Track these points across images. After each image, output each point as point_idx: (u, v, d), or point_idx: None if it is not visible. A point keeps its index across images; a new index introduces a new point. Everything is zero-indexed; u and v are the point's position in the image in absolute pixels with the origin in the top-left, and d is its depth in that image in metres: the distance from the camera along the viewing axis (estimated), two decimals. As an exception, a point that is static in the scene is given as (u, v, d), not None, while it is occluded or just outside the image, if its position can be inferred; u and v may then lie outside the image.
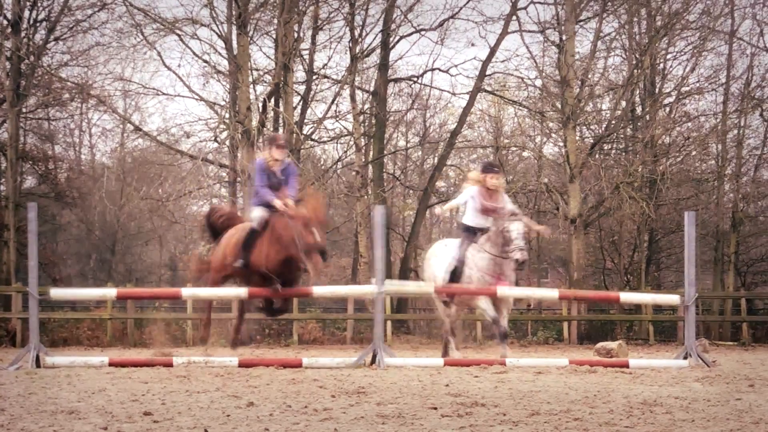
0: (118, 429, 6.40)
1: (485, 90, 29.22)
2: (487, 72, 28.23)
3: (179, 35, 26.28)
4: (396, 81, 29.81)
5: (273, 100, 26.89)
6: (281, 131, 26.61)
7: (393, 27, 28.03)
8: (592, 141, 27.86)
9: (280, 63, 25.98)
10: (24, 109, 26.42)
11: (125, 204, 31.93)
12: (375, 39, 28.27)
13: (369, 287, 13.19)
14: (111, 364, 12.06)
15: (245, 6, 25.74)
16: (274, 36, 27.08)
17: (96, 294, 13.63)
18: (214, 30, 26.44)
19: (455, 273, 13.83)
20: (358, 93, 28.67)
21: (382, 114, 28.01)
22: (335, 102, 28.33)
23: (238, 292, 13.08)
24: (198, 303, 13.88)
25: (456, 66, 29.73)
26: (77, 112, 31.01)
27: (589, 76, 27.69)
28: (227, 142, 27.77)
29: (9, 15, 25.57)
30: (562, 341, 24.07)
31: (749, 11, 28.84)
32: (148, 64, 28.53)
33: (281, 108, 26.49)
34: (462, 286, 13.76)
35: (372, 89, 28.77)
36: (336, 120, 29.19)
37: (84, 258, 34.58)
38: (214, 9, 26.06)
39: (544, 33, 27.96)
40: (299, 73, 28.17)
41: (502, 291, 13.22)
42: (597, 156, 27.46)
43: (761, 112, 29.31)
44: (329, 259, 12.14)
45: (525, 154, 32.92)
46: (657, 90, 28.72)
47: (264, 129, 26.48)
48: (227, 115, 27.09)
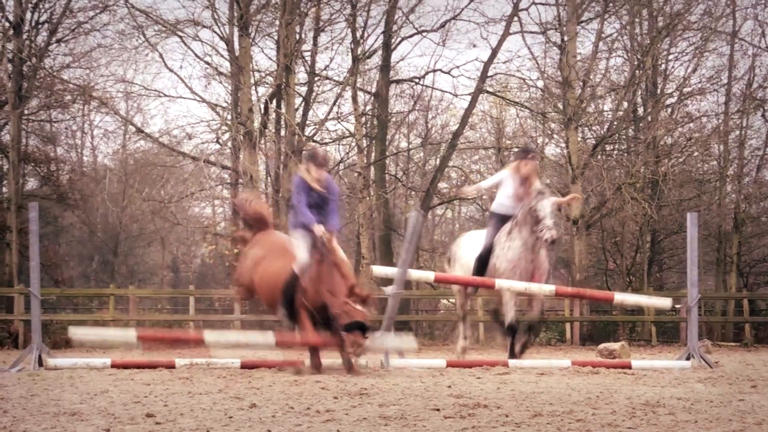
0: (120, 430, 6.40)
1: (487, 91, 29.22)
2: (489, 73, 28.23)
3: (181, 37, 26.29)
4: (398, 82, 29.85)
5: (275, 101, 26.88)
6: (283, 133, 26.62)
7: (395, 28, 28.04)
8: (594, 142, 27.84)
9: (281, 64, 25.98)
10: (26, 111, 26.44)
11: (127, 206, 31.99)
12: (377, 40, 28.31)
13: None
14: (113, 365, 12.04)
15: (247, 7, 25.74)
16: (275, 37, 27.09)
17: (119, 335, 12.30)
18: (215, 32, 26.48)
19: (482, 262, 13.53)
20: (359, 94, 28.69)
21: (383, 115, 28.01)
22: (337, 103, 28.35)
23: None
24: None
25: (458, 67, 29.84)
26: (79, 113, 31.11)
27: (591, 76, 27.68)
28: (229, 143, 27.80)
29: (11, 17, 25.61)
30: (564, 342, 24.06)
31: (751, 12, 28.93)
32: (149, 65, 28.63)
33: (283, 109, 26.49)
34: (464, 277, 13.65)
35: (374, 90, 28.78)
36: (338, 121, 29.23)
37: (86, 260, 34.64)
38: (215, 11, 26.10)
39: (545, 34, 27.98)
40: (301, 75, 28.21)
41: (500, 283, 13.10)
42: (599, 157, 27.44)
43: (763, 112, 29.33)
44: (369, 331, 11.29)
45: (527, 155, 32.82)
46: (659, 91, 28.71)
47: (266, 130, 26.49)
48: (229, 117, 27.13)
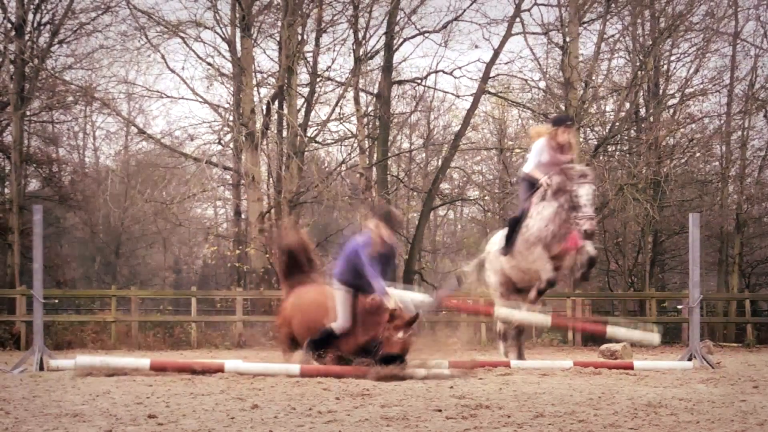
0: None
1: (489, 92, 29.20)
2: (491, 74, 28.22)
3: (183, 38, 26.32)
4: (400, 83, 29.83)
5: (277, 102, 26.89)
6: (285, 134, 26.63)
7: (397, 29, 28.04)
8: (596, 143, 27.81)
9: (283, 65, 25.99)
10: (28, 112, 26.45)
11: (129, 207, 31.99)
12: (379, 41, 28.30)
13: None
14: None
15: (249, 9, 25.76)
16: (277, 38, 27.10)
17: (130, 363, 11.69)
18: (217, 33, 26.52)
19: (514, 225, 13.10)
20: (362, 95, 28.71)
21: (386, 116, 27.99)
22: (339, 104, 28.33)
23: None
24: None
25: (460, 68, 29.93)
26: (81, 114, 31.12)
27: (593, 77, 27.67)
28: (231, 144, 27.82)
29: (13, 18, 25.63)
30: (566, 343, 24.03)
31: (753, 13, 28.91)
32: (152, 66, 28.52)
33: (285, 110, 26.50)
34: (469, 305, 13.11)
35: (376, 91, 28.77)
36: (340, 122, 29.20)
37: (88, 261, 34.62)
38: (217, 12, 26.14)
39: (547, 35, 28.00)
40: (303, 76, 28.21)
41: (498, 311, 12.77)
42: (601, 157, 27.41)
43: (765, 113, 29.32)
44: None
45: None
46: (661, 91, 28.69)
47: (268, 131, 26.49)
48: (231, 118, 27.14)
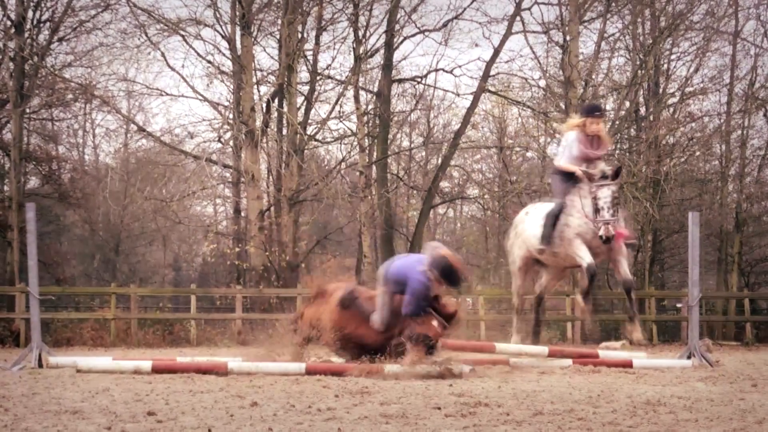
0: (121, 429, 6.41)
1: (489, 90, 29.20)
2: (491, 72, 28.22)
3: (183, 36, 26.32)
4: (400, 81, 29.82)
5: (277, 100, 26.90)
6: (285, 132, 26.63)
7: (397, 27, 28.03)
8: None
9: (283, 63, 25.99)
10: (27, 110, 26.43)
11: (129, 204, 31.97)
12: (379, 39, 28.29)
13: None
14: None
15: (249, 7, 25.76)
16: (277, 36, 27.10)
17: (130, 366, 11.51)
18: (217, 31, 26.52)
19: (553, 219, 13.03)
20: (361, 93, 28.68)
21: (385, 114, 27.99)
22: (339, 102, 28.34)
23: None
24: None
25: (460, 66, 29.84)
26: (81, 112, 31.08)
27: (593, 76, 27.66)
28: (231, 142, 27.82)
29: (13, 15, 25.62)
30: (565, 341, 24.05)
31: (753, 12, 28.87)
32: (151, 64, 28.62)
33: (285, 108, 26.51)
34: (468, 343, 12.78)
35: (376, 90, 28.76)
36: (340, 120, 29.22)
37: (88, 258, 34.62)
38: (217, 10, 26.14)
39: (548, 33, 27.98)
40: (303, 74, 28.22)
41: (499, 347, 12.56)
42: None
43: (765, 112, 29.30)
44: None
45: (529, 154, 32.87)
46: (661, 90, 28.68)
47: (268, 129, 26.49)
48: (231, 116, 27.14)
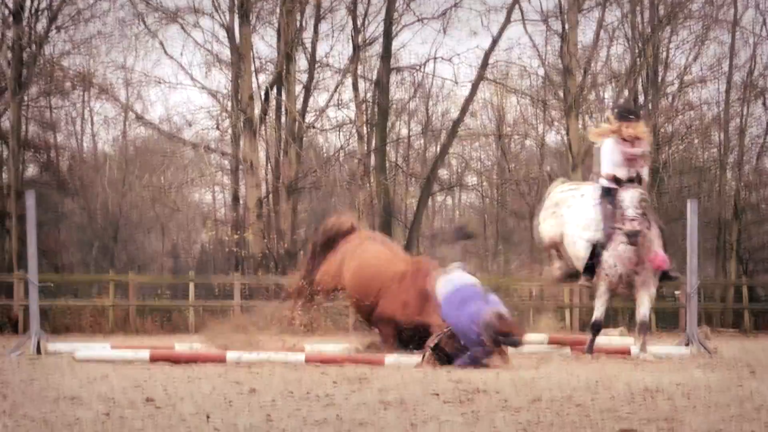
0: (120, 415, 6.40)
1: (488, 79, 29.18)
2: (490, 61, 28.21)
3: (181, 24, 26.29)
4: (398, 70, 29.75)
5: (275, 89, 26.86)
6: (283, 120, 26.60)
7: (395, 16, 27.97)
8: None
9: (282, 52, 25.96)
10: (26, 98, 26.41)
11: (127, 192, 31.88)
12: (377, 28, 28.24)
13: None
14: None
15: (247, -6, 25.71)
16: (276, 25, 27.06)
17: (128, 355, 11.49)
18: (216, 19, 26.48)
19: (598, 250, 12.55)
20: (360, 82, 28.64)
21: (384, 103, 27.96)
22: (337, 91, 28.32)
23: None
24: None
25: (458, 55, 29.92)
26: (79, 100, 30.97)
27: (592, 65, 27.64)
28: (229, 130, 27.78)
29: (11, 4, 25.58)
30: (564, 329, 24.07)
31: (752, 0, 28.82)
32: (150, 53, 28.41)
33: (283, 97, 26.48)
34: None
35: (374, 78, 28.70)
36: (338, 109, 29.18)
37: (86, 246, 34.50)
38: (216, -2, 26.08)
39: (546, 22, 27.95)
40: (301, 62, 28.17)
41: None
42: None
43: (763, 100, 29.29)
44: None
45: (527, 142, 32.89)
46: (660, 79, 28.66)
47: (266, 118, 26.46)
48: (229, 104, 27.11)
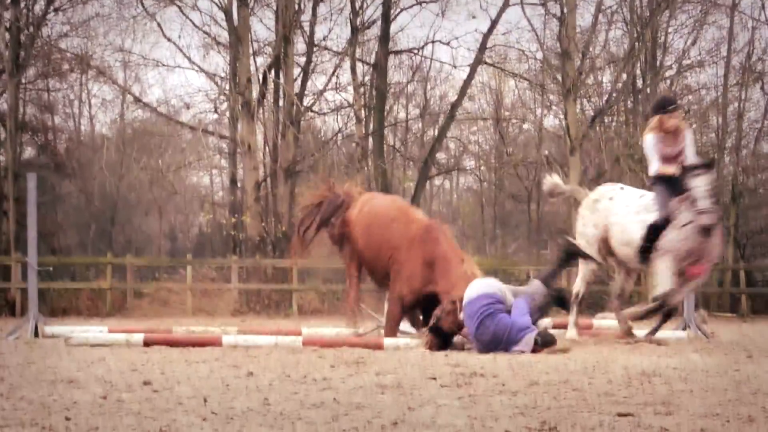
0: (117, 398, 6.40)
1: (486, 62, 29.14)
2: (488, 44, 28.16)
3: (179, 6, 26.24)
4: (397, 53, 29.74)
5: (273, 71, 26.82)
6: (281, 103, 26.56)
7: (394, -1, 27.93)
8: (592, 113, 27.77)
9: (280, 35, 25.89)
10: (23, 80, 26.35)
11: (125, 175, 31.89)
12: (376, 11, 28.19)
13: None
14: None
15: (245, -23, 25.64)
16: (274, 7, 26.98)
17: (122, 339, 11.43)
18: (214, 1, 26.42)
19: (656, 231, 12.02)
20: (358, 65, 28.58)
21: (382, 86, 27.92)
22: (336, 74, 28.30)
23: None
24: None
25: (457, 38, 29.99)
26: (77, 83, 30.95)
27: (590, 48, 27.58)
28: (227, 113, 27.75)
29: (8, -15, 25.50)
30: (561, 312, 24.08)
31: (751, -16, 28.80)
32: (148, 35, 28.40)
33: (281, 80, 26.42)
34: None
35: (373, 61, 28.66)
36: (336, 92, 29.17)
37: (83, 228, 34.50)
38: (214, -20, 26.01)
39: (545, 5, 27.86)
40: (300, 45, 28.11)
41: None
42: (597, 128, 27.38)
43: (762, 85, 29.28)
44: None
45: (525, 126, 32.92)
46: (658, 63, 28.60)
47: (264, 100, 26.42)
48: (227, 87, 27.06)
